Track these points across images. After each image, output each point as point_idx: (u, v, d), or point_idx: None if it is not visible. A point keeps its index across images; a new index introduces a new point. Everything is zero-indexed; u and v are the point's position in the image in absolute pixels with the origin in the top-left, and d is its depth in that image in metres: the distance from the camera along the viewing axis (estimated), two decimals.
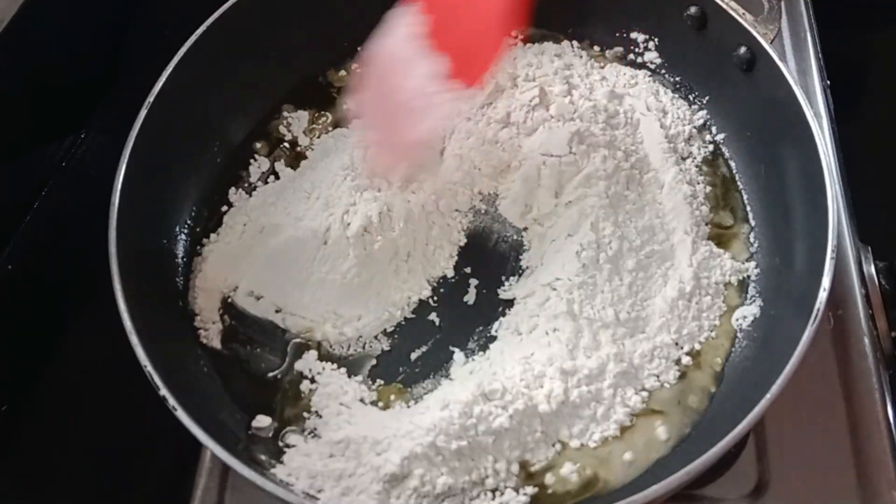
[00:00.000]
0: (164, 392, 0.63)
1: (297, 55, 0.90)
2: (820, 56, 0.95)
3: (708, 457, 0.60)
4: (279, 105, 0.89)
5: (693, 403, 0.71)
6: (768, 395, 0.62)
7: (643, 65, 0.91)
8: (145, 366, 0.64)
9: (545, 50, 0.90)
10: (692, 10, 0.84)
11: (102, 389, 0.83)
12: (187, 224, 0.81)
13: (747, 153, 0.84)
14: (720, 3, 0.81)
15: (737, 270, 0.78)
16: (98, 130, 0.94)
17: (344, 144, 0.84)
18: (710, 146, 0.86)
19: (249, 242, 0.79)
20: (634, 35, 0.90)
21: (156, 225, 0.78)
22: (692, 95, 0.89)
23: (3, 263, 0.82)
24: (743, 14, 0.80)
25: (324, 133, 0.87)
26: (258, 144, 0.87)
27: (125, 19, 0.98)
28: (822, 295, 0.66)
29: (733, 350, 0.74)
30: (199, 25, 0.81)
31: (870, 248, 0.83)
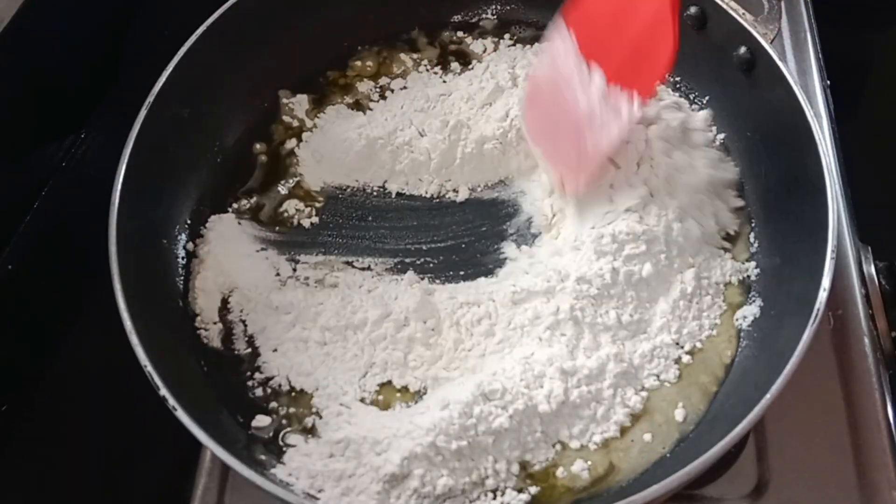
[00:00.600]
0: (164, 392, 0.63)
1: (297, 55, 0.90)
2: (820, 56, 0.95)
3: (708, 457, 0.60)
4: (279, 105, 0.90)
5: (694, 402, 0.71)
6: (768, 395, 0.62)
7: None
8: (145, 366, 0.64)
9: (545, 50, 0.90)
10: (692, 10, 0.84)
11: (102, 389, 0.83)
12: (187, 224, 0.81)
13: (747, 153, 0.84)
14: (720, 3, 0.81)
15: (737, 270, 0.78)
16: (98, 130, 0.94)
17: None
18: None
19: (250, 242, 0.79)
20: None
21: (156, 225, 0.78)
22: (692, 95, 0.89)
23: (3, 263, 0.82)
24: (743, 14, 0.80)
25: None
26: (258, 145, 0.87)
27: (125, 19, 0.98)
28: (822, 295, 0.66)
29: (733, 350, 0.74)
30: (199, 25, 0.81)
31: (870, 248, 0.83)
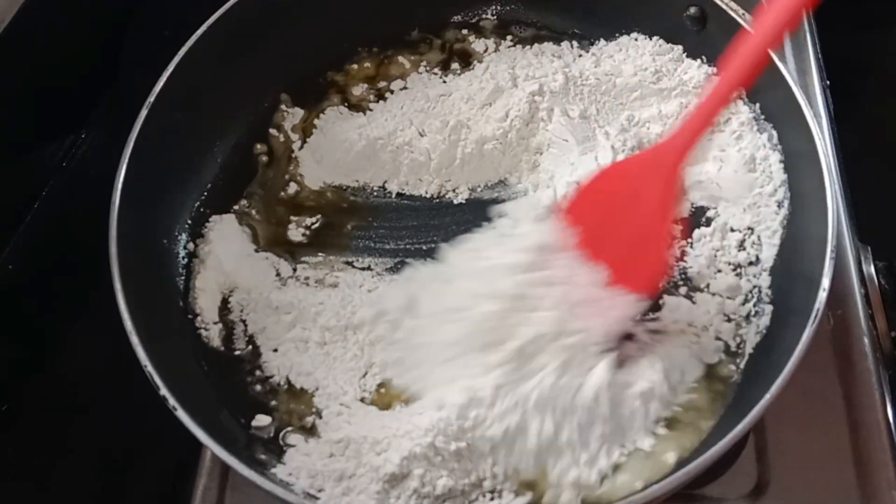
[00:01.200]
0: (164, 392, 0.63)
1: (298, 56, 0.90)
2: (820, 56, 0.95)
3: (708, 457, 0.60)
4: (279, 105, 0.90)
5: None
6: (768, 395, 0.62)
7: None
8: (145, 366, 0.64)
9: (544, 50, 0.90)
10: (692, 11, 0.84)
11: (102, 389, 0.83)
12: (187, 224, 0.81)
13: None
14: (720, 4, 0.81)
15: None
16: (98, 130, 0.94)
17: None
18: None
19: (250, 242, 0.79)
20: (634, 35, 0.90)
21: (156, 225, 0.78)
22: None
23: (3, 263, 0.82)
24: (743, 14, 0.80)
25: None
26: (258, 145, 0.87)
27: (125, 19, 0.98)
28: (822, 295, 0.66)
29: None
30: (200, 25, 0.81)
31: (870, 248, 0.83)
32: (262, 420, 0.70)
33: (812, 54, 0.95)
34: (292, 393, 0.72)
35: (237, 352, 0.75)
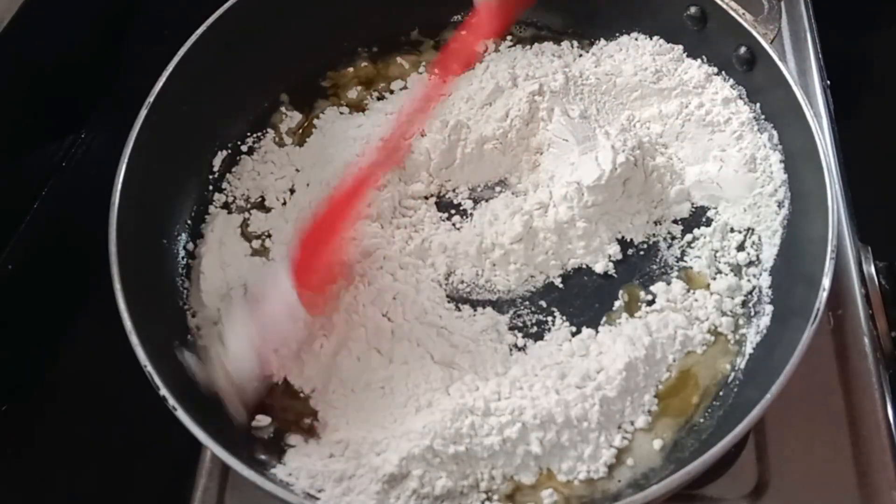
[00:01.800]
0: (164, 392, 0.63)
1: (297, 56, 0.90)
2: (820, 56, 0.95)
3: (708, 457, 0.60)
4: (279, 105, 0.90)
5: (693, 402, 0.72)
6: (768, 395, 0.62)
7: None
8: (145, 366, 0.64)
9: (544, 50, 0.90)
10: (692, 10, 0.84)
11: (102, 389, 0.83)
12: (187, 224, 0.81)
13: None
14: (720, 3, 0.81)
15: None
16: (98, 130, 0.94)
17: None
18: None
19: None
20: (634, 35, 0.90)
21: (156, 225, 0.78)
22: None
23: (3, 263, 0.82)
24: (743, 14, 0.80)
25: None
26: (258, 145, 0.87)
27: (125, 19, 0.98)
28: (822, 295, 0.66)
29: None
30: (199, 25, 0.81)
31: (870, 248, 0.83)
32: (262, 420, 0.70)
33: (812, 54, 0.95)
34: (291, 393, 0.72)
35: None
